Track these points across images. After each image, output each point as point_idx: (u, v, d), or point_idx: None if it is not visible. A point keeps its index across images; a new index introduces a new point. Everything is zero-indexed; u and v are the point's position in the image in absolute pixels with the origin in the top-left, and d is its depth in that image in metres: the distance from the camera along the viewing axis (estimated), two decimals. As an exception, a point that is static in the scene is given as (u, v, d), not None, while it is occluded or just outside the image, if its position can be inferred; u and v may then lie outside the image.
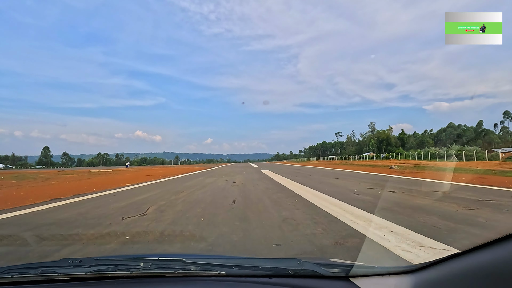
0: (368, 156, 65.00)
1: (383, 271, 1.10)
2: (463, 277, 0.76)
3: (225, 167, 39.22)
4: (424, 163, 27.42)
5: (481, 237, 3.10)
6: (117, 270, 1.11)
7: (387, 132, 71.08)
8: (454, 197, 5.84)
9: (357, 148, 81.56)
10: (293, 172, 18.28)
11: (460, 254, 0.81)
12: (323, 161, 74.67)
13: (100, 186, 10.12)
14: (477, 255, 0.75)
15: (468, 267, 0.76)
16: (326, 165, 35.60)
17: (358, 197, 6.18)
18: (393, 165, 22.45)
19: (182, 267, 1.12)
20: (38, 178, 17.24)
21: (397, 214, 4.23)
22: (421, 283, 0.93)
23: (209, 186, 9.45)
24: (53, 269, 1.11)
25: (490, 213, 4.31)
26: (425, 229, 3.34)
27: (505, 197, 5.77)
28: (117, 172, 26.33)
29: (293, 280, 1.06)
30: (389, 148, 68.61)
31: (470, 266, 0.75)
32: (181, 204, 5.69)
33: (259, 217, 4.31)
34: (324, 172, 17.11)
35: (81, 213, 4.91)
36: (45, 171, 40.69)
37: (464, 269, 0.77)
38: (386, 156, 55.02)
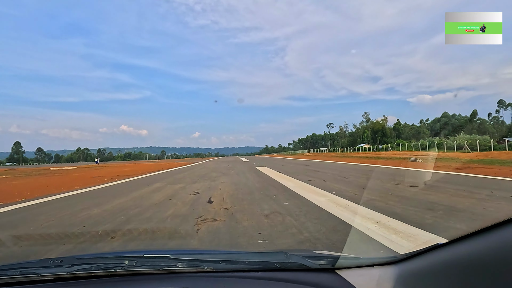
0: (364, 148, 61.44)
1: (368, 262, 1.09)
2: (446, 267, 0.76)
3: (210, 162, 33.73)
4: (443, 155, 23.45)
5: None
6: (100, 269, 1.05)
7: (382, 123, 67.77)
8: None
9: (350, 139, 78.04)
10: (304, 170, 12.32)
11: (445, 245, 0.81)
12: (316, 153, 70.59)
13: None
14: (461, 245, 0.74)
15: (451, 257, 0.75)
16: (324, 158, 31.34)
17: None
18: (416, 157, 18.17)
19: (168, 264, 1.08)
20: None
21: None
22: (404, 273, 0.93)
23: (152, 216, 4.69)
24: (33, 270, 1.04)
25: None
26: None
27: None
28: (72, 171, 20.88)
29: (280, 274, 1.06)
30: (384, 139, 65.49)
31: (454, 256, 0.75)
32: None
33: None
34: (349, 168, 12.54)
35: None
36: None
37: (448, 259, 0.76)
38: (384, 147, 51.38)
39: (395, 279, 0.93)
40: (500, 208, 3.86)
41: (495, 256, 0.62)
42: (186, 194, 6.24)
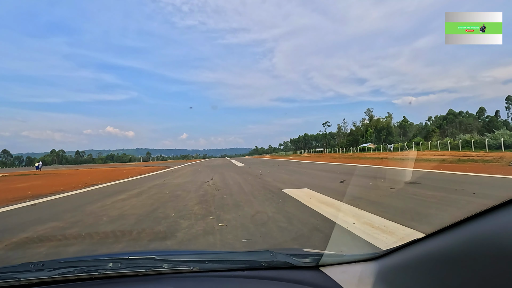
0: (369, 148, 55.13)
1: (351, 259, 1.10)
2: (420, 262, 0.77)
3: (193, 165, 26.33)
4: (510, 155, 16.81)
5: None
6: (83, 272, 1.01)
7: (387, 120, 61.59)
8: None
9: (350, 139, 71.76)
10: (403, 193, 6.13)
11: (424, 238, 0.80)
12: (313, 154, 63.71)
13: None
14: (433, 240, 0.74)
15: (430, 251, 0.75)
16: (331, 160, 24.44)
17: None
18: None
19: (153, 265, 1.06)
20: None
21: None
22: (384, 268, 0.94)
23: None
24: (13, 275, 0.99)
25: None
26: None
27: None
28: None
29: (266, 272, 1.06)
30: (389, 138, 59.54)
31: (433, 249, 0.74)
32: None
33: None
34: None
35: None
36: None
37: (427, 253, 0.76)
38: (399, 146, 44.77)
39: (375, 274, 0.95)
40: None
41: (462, 250, 0.64)
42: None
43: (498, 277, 0.54)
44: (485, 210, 0.60)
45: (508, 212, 0.56)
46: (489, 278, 0.56)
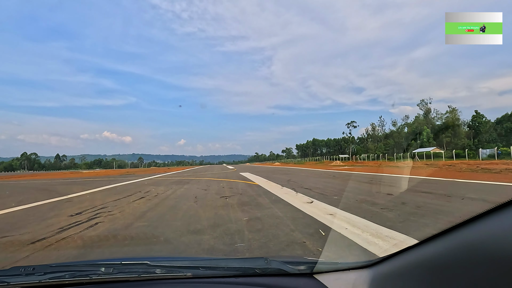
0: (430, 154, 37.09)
1: (345, 266, 1.08)
2: (413, 269, 0.76)
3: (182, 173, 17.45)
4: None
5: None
6: (75, 276, 0.99)
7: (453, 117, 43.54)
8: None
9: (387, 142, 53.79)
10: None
11: (417, 245, 0.79)
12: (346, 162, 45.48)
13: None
14: (432, 245, 0.72)
15: (424, 258, 0.73)
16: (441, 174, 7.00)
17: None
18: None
19: (146, 270, 1.03)
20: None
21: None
22: (378, 276, 0.92)
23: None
24: (2, 279, 0.97)
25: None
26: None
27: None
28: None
29: (260, 279, 1.03)
30: (455, 140, 41.77)
31: (426, 256, 0.73)
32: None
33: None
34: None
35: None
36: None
37: (420, 260, 0.75)
38: (494, 152, 26.59)
39: (369, 282, 0.93)
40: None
41: (453, 257, 0.63)
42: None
43: (490, 284, 0.53)
44: (475, 216, 0.59)
45: (498, 218, 0.55)
46: (481, 285, 0.55)
